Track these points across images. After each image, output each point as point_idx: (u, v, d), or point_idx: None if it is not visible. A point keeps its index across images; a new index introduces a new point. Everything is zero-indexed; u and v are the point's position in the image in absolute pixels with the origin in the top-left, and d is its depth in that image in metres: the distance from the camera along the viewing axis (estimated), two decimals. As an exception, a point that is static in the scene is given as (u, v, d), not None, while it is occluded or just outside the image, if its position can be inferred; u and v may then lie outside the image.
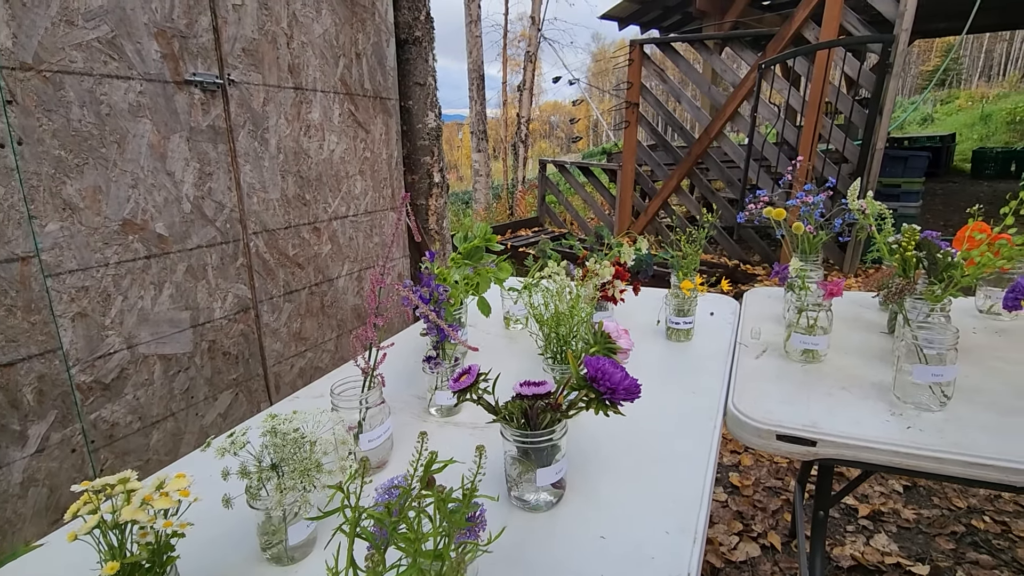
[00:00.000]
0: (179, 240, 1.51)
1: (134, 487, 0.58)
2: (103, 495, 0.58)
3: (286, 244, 1.82)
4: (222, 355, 1.64)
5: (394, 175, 2.34)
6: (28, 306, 1.22)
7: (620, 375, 0.71)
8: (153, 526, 0.56)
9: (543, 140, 19.36)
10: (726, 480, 2.18)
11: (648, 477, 0.84)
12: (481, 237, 1.21)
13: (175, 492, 0.59)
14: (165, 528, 0.56)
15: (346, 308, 2.11)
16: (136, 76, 1.39)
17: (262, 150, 1.72)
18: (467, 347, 0.97)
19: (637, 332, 1.42)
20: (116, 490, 0.57)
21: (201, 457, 0.90)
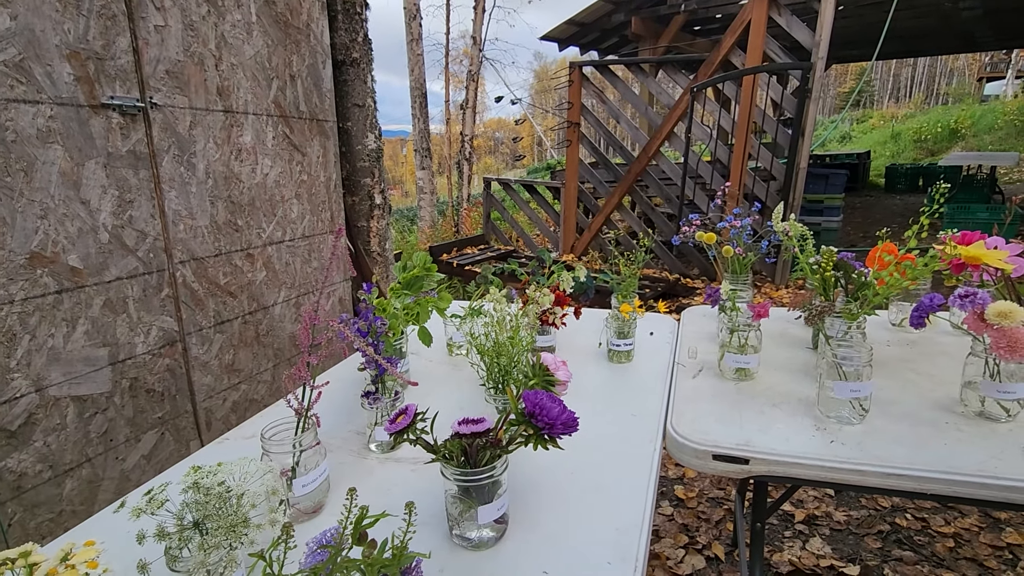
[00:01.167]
0: (95, 272, 1.41)
1: (36, 560, 0.53)
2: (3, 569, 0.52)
3: (216, 272, 1.74)
4: (145, 393, 1.54)
5: (332, 198, 2.29)
6: (-84, 351, 1.10)
7: (558, 410, 0.72)
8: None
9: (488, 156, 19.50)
10: (672, 493, 2.22)
11: (590, 506, 0.85)
12: (420, 267, 1.19)
13: (82, 564, 0.54)
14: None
15: (283, 336, 2.03)
16: (46, 100, 1.30)
17: (189, 175, 1.64)
18: (406, 382, 0.95)
19: (579, 355, 1.44)
20: (17, 564, 0.52)
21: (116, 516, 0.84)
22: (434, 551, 0.75)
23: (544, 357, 0.84)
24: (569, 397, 1.08)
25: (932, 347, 1.39)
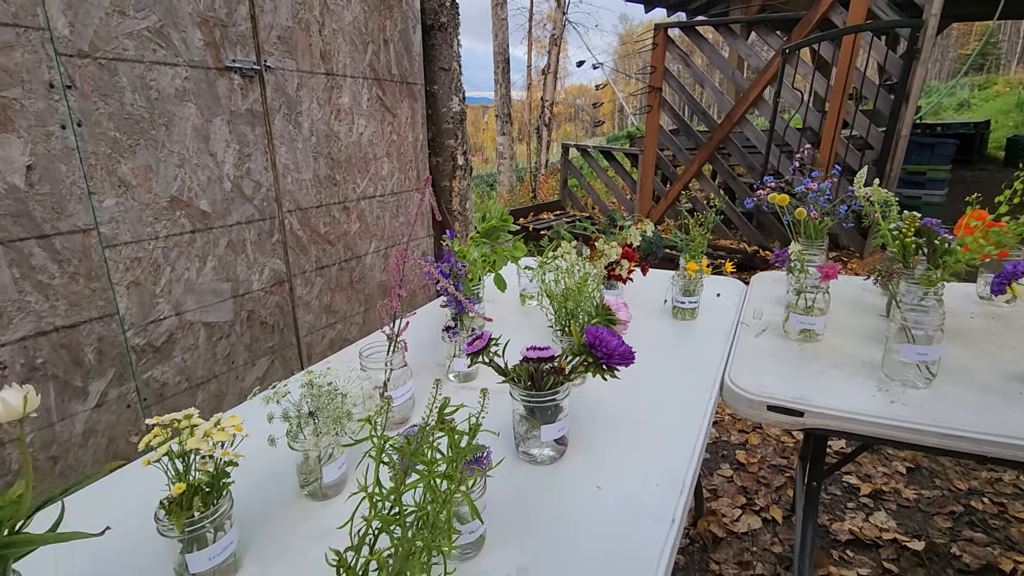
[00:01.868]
0: (221, 216, 1.63)
1: (197, 422, 0.69)
2: (171, 428, 0.69)
3: (318, 222, 1.94)
4: (259, 324, 1.77)
5: (419, 157, 2.44)
6: (89, 274, 1.35)
7: (616, 342, 0.80)
8: (212, 455, 0.67)
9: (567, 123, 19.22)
10: (733, 458, 2.25)
11: (644, 439, 0.93)
12: (498, 218, 1.29)
13: (230, 427, 0.70)
14: (223, 457, 0.67)
15: (373, 284, 2.23)
16: (182, 63, 1.50)
17: (296, 133, 1.82)
18: (483, 318, 1.06)
19: (644, 311, 1.50)
20: (182, 424, 0.68)
21: (248, 407, 1.02)
22: (502, 467, 0.87)
23: (607, 299, 0.92)
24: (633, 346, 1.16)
25: (1020, 321, 1.34)
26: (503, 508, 0.76)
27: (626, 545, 0.70)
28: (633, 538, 0.71)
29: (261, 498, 0.81)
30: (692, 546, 1.80)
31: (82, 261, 1.33)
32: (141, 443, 0.67)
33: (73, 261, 1.32)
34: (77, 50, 1.29)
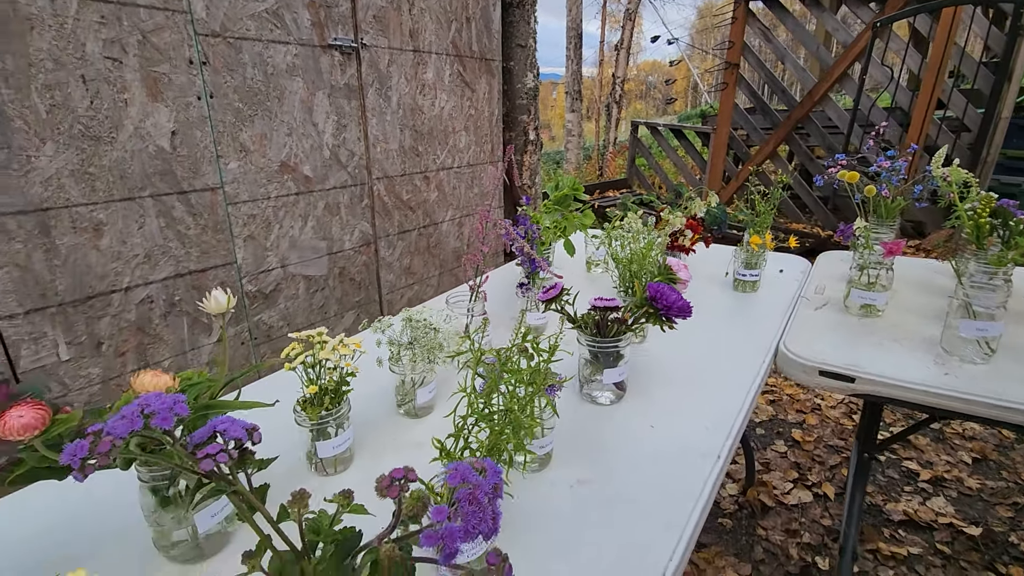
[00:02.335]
0: (320, 181, 1.82)
1: (325, 340, 0.85)
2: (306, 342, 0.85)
3: (401, 189, 2.11)
4: (349, 280, 1.98)
5: (494, 131, 2.56)
6: (215, 227, 1.57)
7: (675, 297, 0.90)
8: (338, 365, 0.83)
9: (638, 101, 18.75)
10: (788, 435, 2.28)
11: (697, 390, 1.02)
12: (570, 187, 1.40)
13: (351, 344, 0.86)
14: (346, 367, 0.83)
15: (447, 250, 2.39)
16: (292, 41, 1.68)
17: (385, 106, 1.99)
18: (554, 275, 1.18)
19: (705, 281, 1.57)
20: (314, 339, 0.85)
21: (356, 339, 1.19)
22: (567, 405, 0.99)
23: (669, 260, 1.01)
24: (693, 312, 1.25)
25: (1096, 307, 1.31)
26: (567, 438, 0.88)
27: (674, 473, 0.80)
28: (681, 468, 0.81)
29: (367, 411, 0.97)
30: (740, 512, 1.88)
31: (211, 215, 1.55)
32: (283, 353, 0.84)
33: (204, 215, 1.54)
34: (211, 30, 1.49)
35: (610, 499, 0.75)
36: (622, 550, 0.66)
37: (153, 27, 1.36)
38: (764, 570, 1.65)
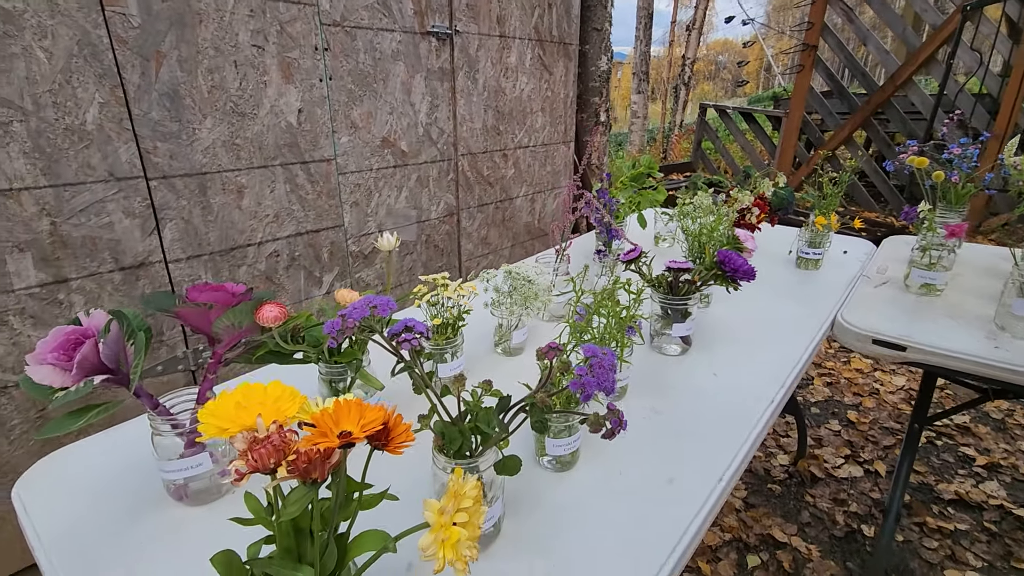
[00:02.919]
0: (414, 156, 2.03)
1: (446, 283, 1.05)
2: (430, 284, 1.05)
3: (482, 166, 2.29)
4: (433, 247, 2.19)
5: (568, 113, 2.69)
6: (329, 193, 1.81)
7: (741, 261, 1.03)
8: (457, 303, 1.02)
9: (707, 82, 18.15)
10: (844, 416, 2.35)
11: (756, 349, 1.15)
12: (646, 166, 1.53)
13: (467, 287, 1.05)
14: (464, 305, 1.02)
15: (520, 224, 2.57)
16: (397, 29, 1.88)
17: (472, 88, 2.17)
18: (629, 242, 1.33)
19: (769, 259, 1.67)
20: (439, 282, 1.04)
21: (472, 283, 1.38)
22: (639, 354, 1.14)
23: (737, 231, 1.14)
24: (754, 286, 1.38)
25: None
26: (640, 379, 1.04)
27: (731, 411, 0.95)
28: (737, 407, 0.96)
29: (471, 347, 1.17)
30: (790, 480, 1.98)
31: (325, 183, 1.79)
32: (410, 294, 1.04)
33: (320, 182, 1.77)
34: (332, 20, 1.70)
35: (676, 425, 0.91)
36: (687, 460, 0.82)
37: (289, 18, 1.58)
38: (809, 532, 1.76)
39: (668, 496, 0.75)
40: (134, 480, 0.77)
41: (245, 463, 0.42)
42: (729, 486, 0.81)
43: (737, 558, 1.66)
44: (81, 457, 0.83)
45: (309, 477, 0.44)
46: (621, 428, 0.50)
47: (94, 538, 0.68)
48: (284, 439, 0.43)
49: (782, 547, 1.70)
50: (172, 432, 0.70)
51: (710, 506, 0.75)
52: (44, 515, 0.72)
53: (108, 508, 0.73)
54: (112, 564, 0.64)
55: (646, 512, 0.72)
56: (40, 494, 0.76)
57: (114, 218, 1.35)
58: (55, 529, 0.70)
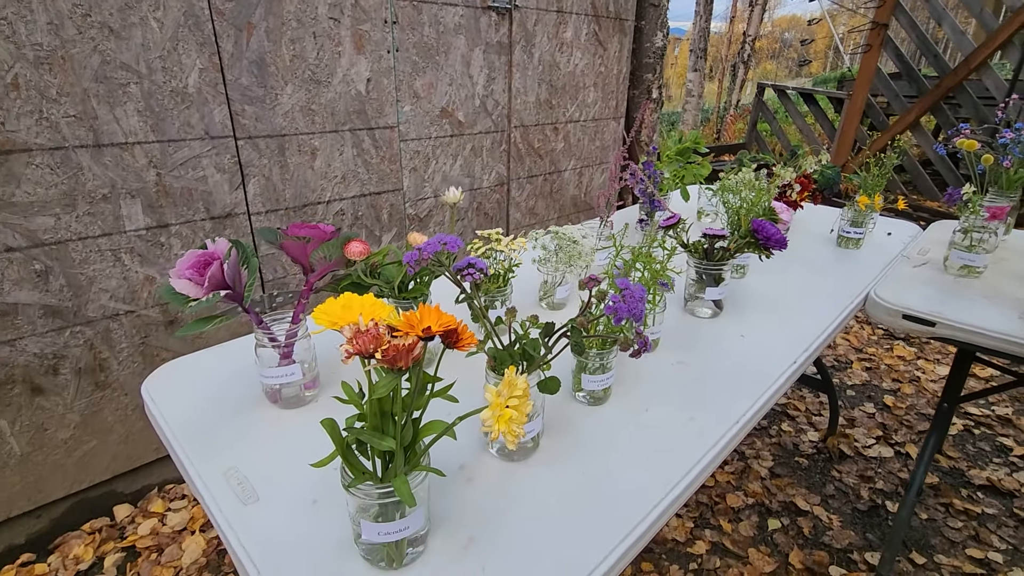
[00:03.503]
0: (470, 126, 2.14)
1: (498, 237, 1.16)
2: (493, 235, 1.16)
3: (533, 138, 2.38)
4: (483, 214, 2.31)
5: (620, 89, 2.74)
6: (391, 158, 1.94)
7: (774, 231, 1.10)
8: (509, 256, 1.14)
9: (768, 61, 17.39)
10: (880, 400, 2.36)
11: (786, 315, 1.22)
12: (692, 141, 1.59)
13: (518, 242, 1.16)
14: (515, 259, 1.14)
15: (566, 196, 2.65)
16: (460, 3, 1.97)
17: (528, 62, 2.25)
18: (670, 211, 1.41)
19: (809, 237, 1.71)
20: (493, 236, 1.16)
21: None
22: (672, 315, 1.23)
23: (774, 203, 1.20)
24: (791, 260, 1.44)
25: None
26: (671, 336, 1.13)
27: (754, 368, 1.03)
28: (761, 364, 1.03)
29: (518, 300, 1.28)
30: (818, 455, 2.04)
31: (388, 149, 1.92)
32: (468, 245, 1.16)
33: (383, 148, 1.91)
34: (400, -5, 1.81)
35: (701, 376, 1.00)
36: (708, 405, 0.92)
37: (361, -7, 1.70)
38: (832, 503, 1.82)
39: (688, 431, 0.86)
40: (238, 384, 0.93)
41: (351, 347, 0.55)
42: (744, 430, 0.90)
43: (758, 520, 1.75)
44: (195, 365, 1.00)
45: (396, 365, 0.57)
46: (646, 349, 0.61)
47: (208, 425, 0.84)
48: (379, 333, 0.56)
49: (803, 514, 1.77)
50: (270, 345, 0.85)
51: (725, 443, 0.85)
52: (167, 406, 0.89)
53: (218, 404, 0.89)
54: (222, 446, 0.80)
55: (667, 442, 0.83)
56: (163, 390, 0.93)
57: (207, 172, 1.52)
58: (176, 416, 0.87)
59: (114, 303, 1.46)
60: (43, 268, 1.33)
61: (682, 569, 1.57)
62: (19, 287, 1.30)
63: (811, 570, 1.58)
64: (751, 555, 1.62)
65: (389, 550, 0.62)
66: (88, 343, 1.44)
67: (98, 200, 1.37)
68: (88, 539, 1.56)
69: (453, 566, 0.63)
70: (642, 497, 0.71)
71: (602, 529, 0.66)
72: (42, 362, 1.38)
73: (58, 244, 1.33)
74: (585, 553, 0.63)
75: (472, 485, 0.74)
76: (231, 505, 0.70)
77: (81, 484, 1.54)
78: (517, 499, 0.72)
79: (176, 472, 1.77)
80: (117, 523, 1.62)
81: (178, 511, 1.67)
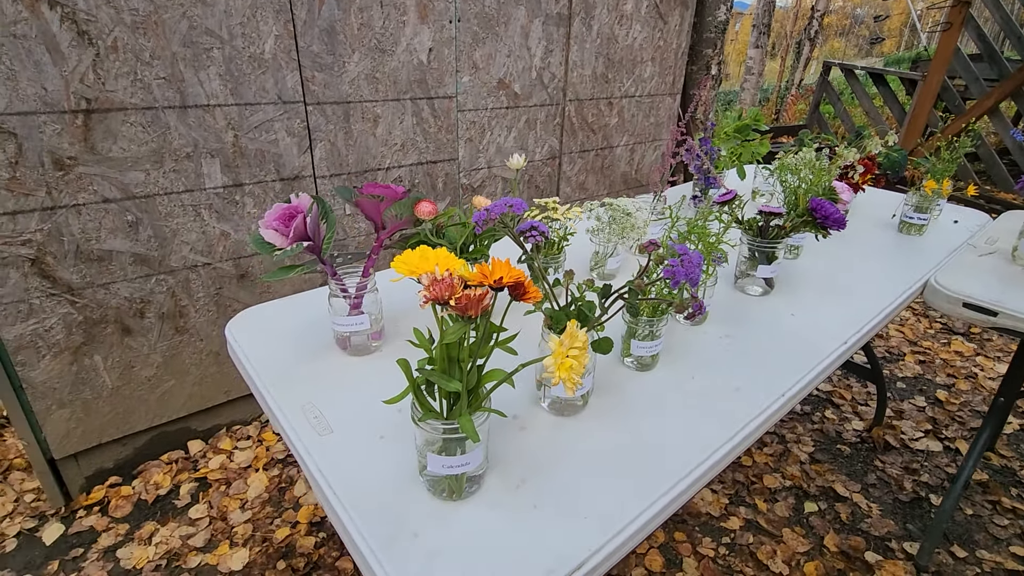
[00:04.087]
0: (525, 99, 2.16)
1: (555, 206, 1.20)
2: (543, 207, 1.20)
3: (588, 112, 2.38)
4: (535, 187, 2.34)
5: (678, 64, 2.69)
6: (448, 128, 1.99)
7: (833, 210, 1.09)
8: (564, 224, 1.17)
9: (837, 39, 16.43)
10: (932, 394, 2.30)
11: (838, 298, 1.21)
12: (752, 118, 1.57)
13: (573, 211, 1.19)
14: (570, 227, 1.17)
15: (617, 173, 2.65)
16: (521, -26, 1.98)
17: (586, 34, 2.24)
18: (725, 187, 1.41)
19: (870, 222, 1.67)
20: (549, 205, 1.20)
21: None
22: (722, 291, 1.24)
23: (834, 183, 1.19)
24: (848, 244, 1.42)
25: None
26: (719, 311, 1.15)
27: (802, 345, 1.03)
28: (809, 343, 1.04)
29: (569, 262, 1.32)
30: (861, 444, 2.02)
31: (445, 119, 1.97)
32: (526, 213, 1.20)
33: (441, 117, 1.96)
34: (464, -35, 1.83)
35: (748, 350, 1.02)
36: (754, 377, 0.94)
37: (428, -38, 1.73)
38: (873, 492, 1.81)
39: (733, 400, 0.88)
40: (310, 332, 1.01)
41: (428, 293, 0.60)
42: (790, 403, 0.92)
43: (794, 502, 1.76)
44: (271, 312, 1.08)
45: (466, 313, 0.62)
46: (700, 312, 0.64)
47: (284, 365, 0.93)
48: (453, 282, 0.61)
49: (842, 500, 1.77)
50: (342, 295, 0.92)
51: (770, 413, 0.87)
52: (248, 346, 0.98)
53: (292, 348, 0.97)
54: (297, 383, 0.88)
55: (712, 409, 0.86)
56: (244, 332, 1.02)
57: (279, 136, 1.61)
58: (256, 355, 0.95)
59: (193, 255, 1.57)
60: (134, 219, 1.45)
61: (714, 542, 1.61)
62: (113, 236, 1.43)
63: (846, 554, 1.58)
64: (785, 535, 1.64)
65: (451, 482, 0.68)
66: (170, 291, 1.56)
67: (182, 158, 1.47)
68: (166, 468, 1.72)
69: (507, 501, 0.69)
70: (685, 457, 0.75)
71: (645, 483, 0.71)
72: (131, 305, 1.51)
73: (147, 198, 1.45)
74: (628, 503, 0.68)
75: (524, 434, 0.80)
76: (308, 435, 0.78)
77: (161, 419, 1.69)
78: (566, 450, 0.77)
79: (242, 414, 1.92)
80: (191, 456, 1.78)
81: (244, 450, 1.81)
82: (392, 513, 0.66)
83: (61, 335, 1.44)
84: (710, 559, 1.56)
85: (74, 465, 1.60)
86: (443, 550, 0.62)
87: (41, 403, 1.46)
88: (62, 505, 1.59)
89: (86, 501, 1.62)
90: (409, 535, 0.64)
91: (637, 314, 0.76)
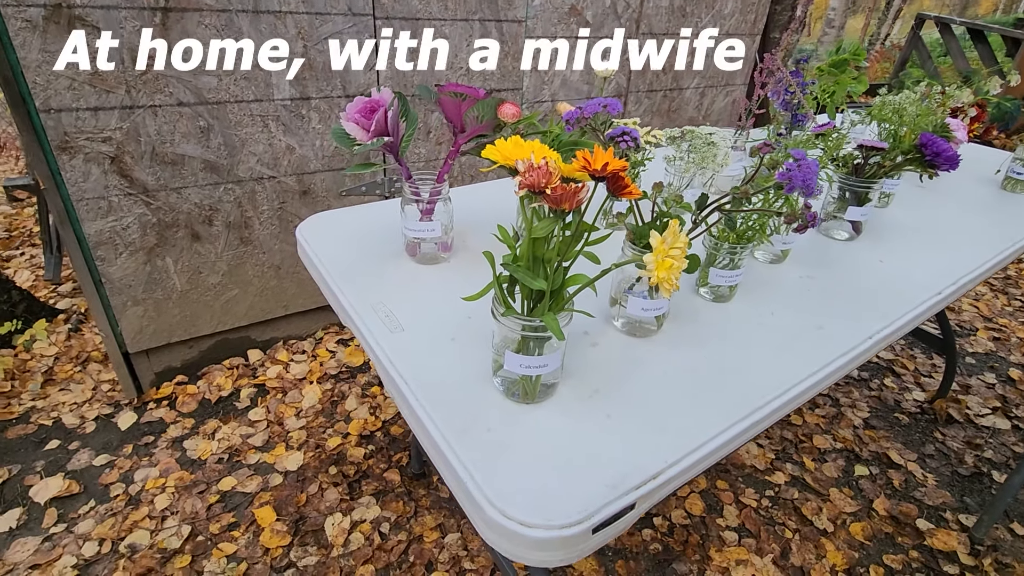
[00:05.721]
0: (597, 28, 2.05)
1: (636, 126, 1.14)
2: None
3: (657, 49, 2.25)
4: (598, 124, 2.25)
5: (761, 3, 2.49)
6: (513, 55, 1.91)
7: (946, 147, 1.00)
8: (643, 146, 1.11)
9: (930, -6, 14.96)
10: (1004, 372, 2.17)
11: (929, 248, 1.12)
12: (851, 53, 1.44)
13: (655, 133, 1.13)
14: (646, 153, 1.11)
15: (684, 117, 2.52)
16: None
17: (668, -39, 2.08)
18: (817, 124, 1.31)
19: (970, 177, 1.54)
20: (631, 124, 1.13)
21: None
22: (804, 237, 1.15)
23: (948, 119, 1.08)
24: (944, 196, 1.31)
25: None
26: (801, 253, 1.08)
27: (891, 293, 0.96)
28: (898, 291, 0.96)
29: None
30: (921, 415, 1.93)
31: (512, 44, 1.89)
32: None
33: (509, 43, 1.88)
34: None
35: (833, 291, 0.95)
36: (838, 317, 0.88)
37: None
38: (930, 463, 1.74)
39: (816, 337, 0.84)
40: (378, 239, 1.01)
41: (525, 179, 0.57)
42: (877, 346, 0.87)
43: (844, 465, 1.71)
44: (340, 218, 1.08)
45: (559, 206, 0.59)
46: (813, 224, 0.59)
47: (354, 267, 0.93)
48: (549, 171, 0.58)
49: (896, 467, 1.71)
50: (414, 200, 0.90)
51: (856, 353, 0.82)
52: (320, 245, 0.98)
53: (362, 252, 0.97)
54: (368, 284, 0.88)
55: (793, 343, 0.81)
56: (314, 234, 1.02)
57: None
58: (327, 254, 0.96)
59: (260, 167, 1.59)
60: (206, 125, 1.46)
61: (757, 493, 1.59)
62: (187, 140, 1.45)
63: (896, 519, 1.54)
64: (832, 494, 1.60)
65: (525, 383, 0.67)
66: (237, 200, 1.59)
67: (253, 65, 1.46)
68: (228, 372, 1.80)
69: (581, 407, 0.67)
70: (762, 386, 0.72)
71: (719, 406, 0.68)
72: (200, 212, 1.55)
73: (218, 104, 1.45)
74: (702, 423, 0.66)
75: (597, 350, 0.78)
76: (380, 330, 0.78)
77: (224, 326, 1.75)
78: (638, 368, 0.74)
79: (298, 329, 1.98)
80: (250, 364, 1.85)
81: (299, 363, 1.88)
82: (464, 409, 0.66)
83: (136, 235, 1.49)
84: (752, 508, 1.54)
85: (145, 361, 1.69)
86: (513, 445, 0.61)
87: (118, 298, 1.53)
88: (135, 396, 1.69)
89: (156, 395, 1.72)
90: (482, 429, 0.63)
91: (735, 227, 0.72)
